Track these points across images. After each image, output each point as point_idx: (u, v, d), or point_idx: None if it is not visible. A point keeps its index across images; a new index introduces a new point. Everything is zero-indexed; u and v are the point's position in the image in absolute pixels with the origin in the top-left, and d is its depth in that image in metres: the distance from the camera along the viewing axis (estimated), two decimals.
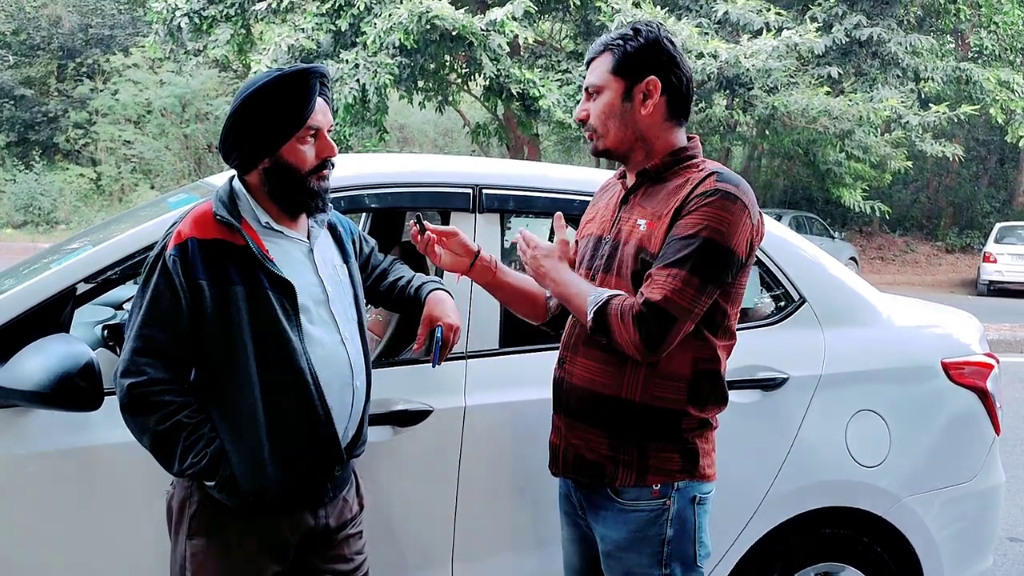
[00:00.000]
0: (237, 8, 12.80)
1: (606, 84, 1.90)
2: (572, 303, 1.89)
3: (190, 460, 1.76)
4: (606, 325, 1.80)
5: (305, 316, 1.85)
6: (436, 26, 10.93)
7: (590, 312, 1.82)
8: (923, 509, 2.61)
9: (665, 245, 1.80)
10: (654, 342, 1.75)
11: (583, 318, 1.85)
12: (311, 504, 1.89)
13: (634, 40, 1.88)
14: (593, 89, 1.92)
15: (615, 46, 1.89)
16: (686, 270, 1.74)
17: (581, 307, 1.85)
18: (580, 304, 1.85)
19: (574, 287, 1.89)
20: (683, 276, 1.74)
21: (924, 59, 14.12)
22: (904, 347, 2.72)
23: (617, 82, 1.89)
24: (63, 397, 1.86)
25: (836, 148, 14.26)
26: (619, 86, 1.89)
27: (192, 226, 1.80)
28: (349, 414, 1.92)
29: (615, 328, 1.78)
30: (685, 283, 1.74)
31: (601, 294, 1.83)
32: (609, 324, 1.79)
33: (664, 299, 1.74)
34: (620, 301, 1.80)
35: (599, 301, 1.81)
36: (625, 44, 1.88)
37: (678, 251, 1.77)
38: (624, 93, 1.89)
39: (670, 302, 1.74)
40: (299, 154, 1.84)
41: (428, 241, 2.03)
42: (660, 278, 1.76)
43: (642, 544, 1.87)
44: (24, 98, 19.57)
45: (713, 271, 1.77)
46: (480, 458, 2.31)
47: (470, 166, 2.71)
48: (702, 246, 1.76)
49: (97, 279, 2.15)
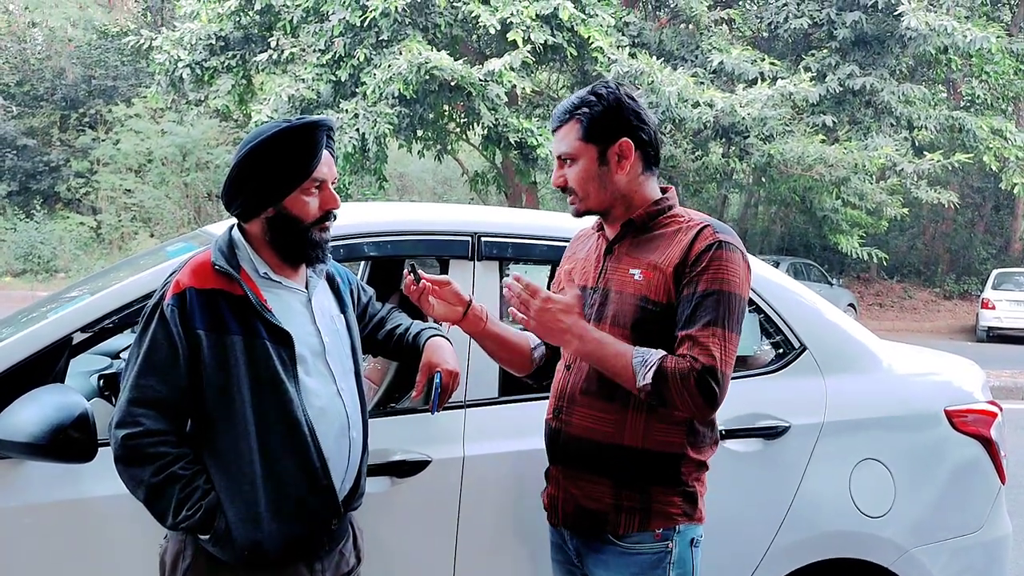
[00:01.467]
0: (238, 59, 12.99)
1: (579, 152, 1.92)
2: (608, 364, 1.83)
3: (184, 513, 1.73)
4: (664, 390, 1.77)
5: (302, 367, 1.84)
6: (435, 76, 11.08)
7: (642, 377, 1.78)
8: (930, 560, 2.57)
9: (686, 301, 1.81)
10: (716, 403, 1.79)
11: (627, 381, 1.81)
12: (308, 558, 1.85)
13: (598, 104, 1.91)
14: (566, 156, 1.94)
15: (581, 114, 1.91)
16: (723, 328, 1.79)
17: (624, 369, 1.80)
18: (622, 366, 1.81)
19: (611, 347, 1.83)
20: (722, 334, 1.79)
21: (917, 108, 14.30)
22: (906, 395, 2.70)
23: (589, 149, 1.91)
24: (57, 449, 1.84)
25: (832, 195, 14.36)
26: (592, 152, 1.91)
27: (191, 276, 1.80)
28: (346, 466, 1.90)
29: (674, 393, 1.77)
30: (726, 340, 1.80)
31: (648, 356, 1.79)
32: (668, 389, 1.77)
33: (721, 361, 1.77)
34: (673, 365, 1.77)
35: (651, 364, 1.78)
36: (590, 110, 1.90)
37: (710, 309, 1.79)
38: (599, 157, 1.92)
39: (725, 363, 1.78)
40: (303, 205, 1.85)
41: (423, 291, 2.03)
42: (705, 339, 1.78)
43: None
44: (27, 148, 19.75)
45: (738, 321, 1.84)
46: (480, 508, 2.28)
47: (469, 214, 2.72)
48: (727, 300, 1.81)
49: (94, 328, 2.13)
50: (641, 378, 1.78)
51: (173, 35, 13.03)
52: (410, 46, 11.13)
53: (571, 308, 1.86)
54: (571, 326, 1.85)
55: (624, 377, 1.81)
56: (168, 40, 12.98)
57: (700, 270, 1.82)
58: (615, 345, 1.83)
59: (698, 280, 1.82)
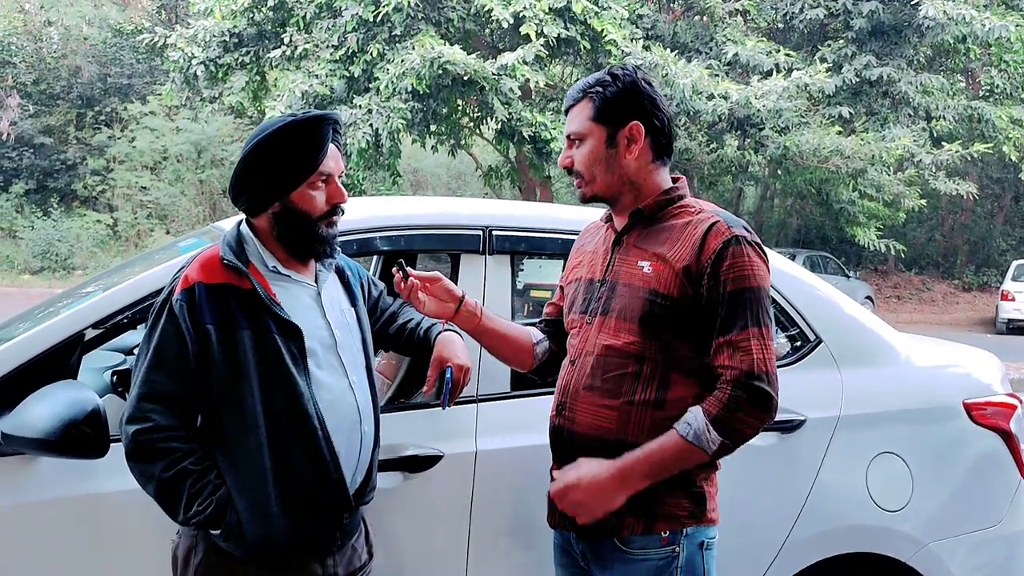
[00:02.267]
0: (252, 56, 13.02)
1: (588, 131, 1.89)
2: (669, 463, 1.77)
3: (195, 508, 1.73)
4: (732, 434, 1.75)
5: (312, 360, 1.83)
6: (448, 71, 11.07)
7: (710, 443, 1.74)
8: (948, 555, 2.54)
9: (715, 305, 1.78)
10: (774, 403, 1.77)
11: (699, 459, 1.76)
12: (319, 553, 1.85)
13: (612, 86, 1.88)
14: (575, 136, 1.91)
15: (594, 93, 1.88)
16: (758, 326, 1.78)
17: (687, 452, 1.75)
18: (683, 451, 1.75)
19: (658, 449, 1.76)
20: (758, 332, 1.78)
21: (935, 98, 14.15)
22: (924, 387, 2.67)
23: (599, 129, 1.88)
24: (69, 444, 1.84)
25: (849, 187, 14.24)
26: (602, 133, 1.88)
27: (199, 271, 1.79)
28: (357, 460, 1.89)
29: (740, 427, 1.75)
30: (763, 337, 1.78)
31: (691, 422, 1.75)
32: (733, 430, 1.75)
33: (764, 361, 1.76)
34: (718, 405, 1.75)
35: (703, 425, 1.74)
36: (604, 90, 1.87)
37: (742, 311, 1.77)
38: (607, 139, 1.88)
39: (768, 361, 1.77)
40: (309, 200, 1.84)
41: (412, 287, 2.01)
42: (744, 343, 1.76)
43: None
44: (43, 146, 19.91)
45: (768, 313, 1.82)
46: (492, 504, 2.27)
47: (480, 208, 2.71)
48: (755, 296, 1.79)
49: (105, 324, 2.13)
50: (710, 444, 1.74)
51: (187, 32, 13.08)
52: (423, 41, 11.12)
53: (588, 469, 1.79)
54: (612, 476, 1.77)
55: (693, 458, 1.76)
56: (182, 37, 13.03)
57: (722, 270, 1.78)
58: (658, 444, 1.77)
59: (723, 281, 1.78)
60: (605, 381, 1.85)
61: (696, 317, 1.81)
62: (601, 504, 1.78)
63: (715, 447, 1.74)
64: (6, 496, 2.00)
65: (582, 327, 1.94)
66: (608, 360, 1.85)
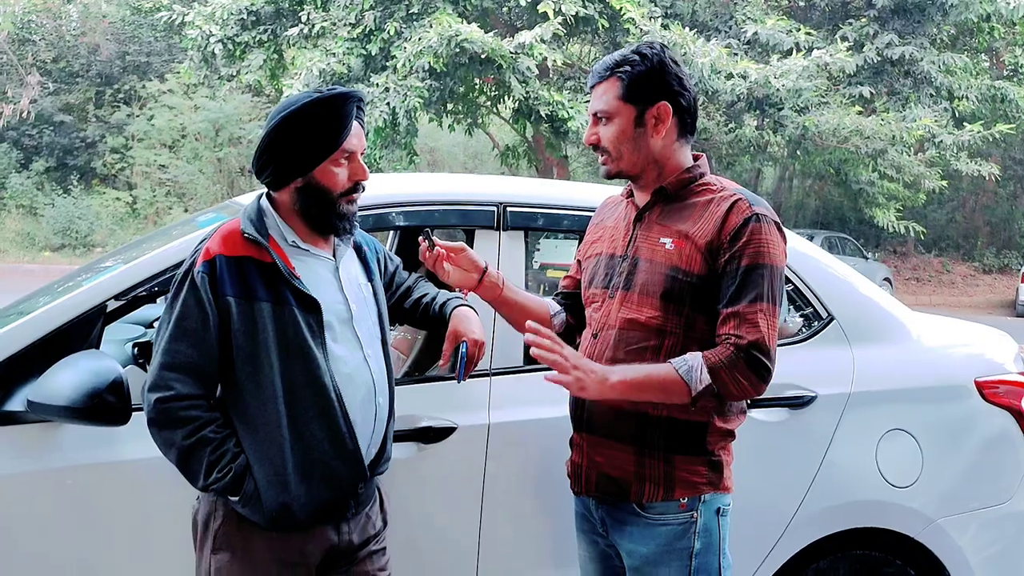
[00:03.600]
0: (270, 34, 13.02)
1: (616, 111, 1.91)
2: (654, 388, 1.80)
3: (215, 475, 1.77)
4: (719, 385, 1.78)
5: (330, 334, 1.87)
6: (465, 49, 11.02)
7: (698, 382, 1.77)
8: (957, 531, 2.56)
9: (729, 277, 1.81)
10: (768, 376, 1.81)
11: (681, 394, 1.78)
12: (335, 520, 1.89)
13: (640, 65, 1.89)
14: (602, 115, 1.93)
15: (623, 72, 1.89)
16: (767, 302, 1.80)
17: (674, 384, 1.78)
18: (670, 382, 1.78)
19: (650, 371, 1.81)
20: (766, 308, 1.80)
21: (958, 78, 13.94)
22: (936, 365, 2.68)
23: (628, 109, 1.90)
24: (93, 412, 1.89)
25: (868, 168, 14.11)
26: (630, 112, 1.90)
27: (220, 243, 1.83)
28: (372, 431, 1.93)
29: (730, 383, 1.78)
30: (770, 314, 1.81)
31: (690, 360, 1.78)
32: (723, 382, 1.78)
33: (767, 336, 1.79)
34: (718, 357, 1.78)
35: (698, 367, 1.77)
36: (632, 69, 1.88)
37: (754, 285, 1.80)
38: (636, 119, 1.90)
39: (771, 336, 1.80)
40: (332, 176, 1.87)
41: (437, 257, 2.04)
42: (751, 315, 1.79)
43: (671, 557, 1.87)
44: (63, 124, 20.02)
45: (780, 292, 1.86)
46: (504, 475, 2.31)
47: (495, 185, 2.73)
48: (769, 273, 1.81)
49: (127, 296, 2.18)
50: (697, 384, 1.77)
51: (205, 10, 13.07)
52: (440, 19, 11.06)
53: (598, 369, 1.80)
54: (609, 375, 1.79)
55: (676, 391, 1.79)
56: (200, 15, 13.03)
57: (740, 245, 1.81)
58: (651, 371, 1.81)
59: (740, 255, 1.81)
60: (628, 354, 1.89)
61: (715, 292, 1.84)
62: (585, 388, 1.78)
63: (701, 387, 1.77)
64: (32, 462, 2.05)
65: (604, 301, 1.97)
66: (630, 334, 1.89)
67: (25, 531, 2.05)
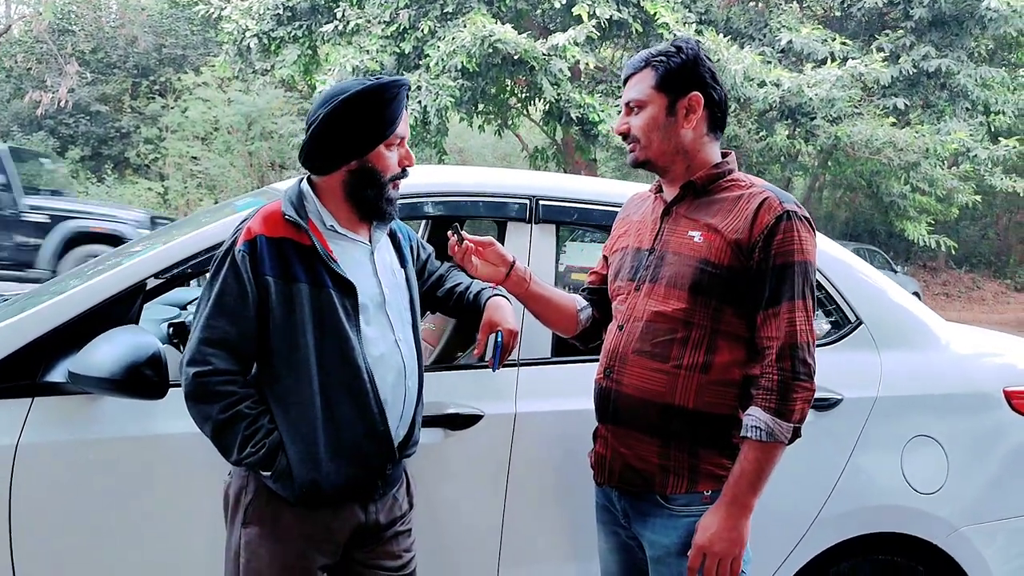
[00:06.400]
0: (305, 30, 13.14)
1: (649, 99, 1.94)
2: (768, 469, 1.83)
3: (248, 450, 1.81)
4: (798, 415, 1.82)
5: (363, 317, 1.90)
6: (498, 50, 11.06)
7: (785, 434, 1.81)
8: (981, 540, 2.54)
9: (764, 277, 1.84)
10: (813, 372, 1.84)
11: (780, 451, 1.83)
12: (362, 499, 1.93)
13: (676, 56, 1.93)
14: (635, 103, 1.96)
15: (658, 62, 1.93)
16: (802, 299, 1.83)
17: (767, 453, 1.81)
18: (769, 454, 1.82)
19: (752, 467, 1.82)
20: (802, 305, 1.83)
21: (995, 92, 13.78)
22: (964, 373, 2.67)
23: (661, 97, 1.93)
24: (131, 385, 1.94)
25: (901, 180, 13.98)
26: (662, 101, 1.93)
27: (262, 224, 1.87)
28: (401, 413, 1.96)
29: (802, 404, 1.82)
30: (806, 311, 1.84)
31: (754, 422, 1.81)
32: (796, 411, 1.81)
33: (805, 332, 1.83)
34: (772, 396, 1.80)
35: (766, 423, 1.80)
36: (668, 60, 1.92)
37: (789, 284, 1.83)
38: (668, 108, 1.93)
39: (809, 332, 1.84)
40: (385, 160, 1.92)
41: (465, 251, 2.07)
42: (789, 314, 1.82)
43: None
44: (99, 114, 20.32)
45: (813, 288, 1.88)
46: (529, 464, 2.33)
47: (528, 178, 2.75)
48: (803, 270, 1.84)
49: (168, 275, 2.23)
50: (784, 435, 1.80)
51: (242, 5, 13.22)
52: (474, 19, 11.12)
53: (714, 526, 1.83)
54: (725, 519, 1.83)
55: (776, 455, 1.82)
56: (237, 10, 13.18)
57: (774, 243, 1.83)
58: (744, 463, 1.82)
59: (773, 254, 1.83)
60: (655, 346, 1.91)
61: (744, 286, 1.86)
62: (736, 542, 1.83)
63: (789, 435, 1.81)
64: (72, 432, 2.10)
65: (630, 294, 1.99)
66: (657, 326, 1.91)
67: (62, 499, 2.10)
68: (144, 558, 2.16)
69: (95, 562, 2.13)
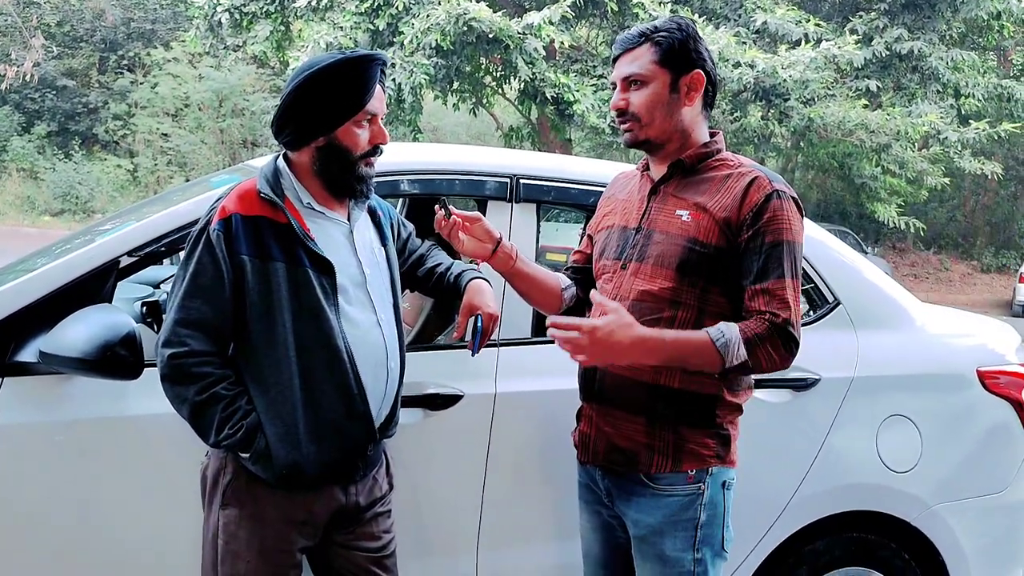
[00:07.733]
0: (277, 5, 12.93)
1: (652, 75, 1.90)
2: (691, 360, 1.79)
3: (226, 431, 1.78)
4: (753, 360, 1.78)
5: (343, 296, 1.88)
6: (473, 28, 10.97)
7: (735, 356, 1.77)
8: (953, 518, 2.59)
9: (753, 254, 1.82)
10: (796, 352, 1.83)
11: (713, 365, 1.79)
12: (342, 481, 1.91)
13: (678, 33, 1.91)
14: (636, 78, 1.92)
15: (661, 38, 1.90)
16: (792, 277, 1.83)
17: (709, 356, 1.77)
18: (707, 354, 1.77)
19: (686, 341, 1.78)
20: (791, 283, 1.83)
21: (965, 75, 13.92)
22: (939, 354, 2.70)
23: (664, 74, 1.90)
24: (105, 365, 1.90)
25: (872, 162, 14.10)
26: (666, 77, 1.90)
27: (236, 202, 1.83)
28: (383, 394, 1.94)
29: (763, 358, 1.79)
30: (796, 290, 1.84)
31: (727, 332, 1.78)
32: (757, 357, 1.78)
33: (795, 311, 1.82)
34: (753, 331, 1.79)
35: (736, 341, 1.77)
36: (670, 35, 1.90)
37: (779, 262, 1.82)
38: (671, 84, 1.90)
39: (798, 311, 1.83)
40: (353, 137, 1.88)
41: (453, 226, 2.04)
42: (780, 291, 1.81)
43: (676, 528, 1.89)
44: (66, 89, 19.92)
45: (801, 267, 1.88)
46: (509, 444, 2.33)
47: (508, 157, 2.74)
48: (792, 249, 1.84)
49: (141, 252, 2.19)
50: (733, 358, 1.77)
51: None
52: None
53: (623, 324, 1.75)
54: (634, 341, 1.75)
55: (709, 362, 1.79)
56: None
57: (763, 222, 1.82)
58: (687, 337, 1.80)
59: (763, 232, 1.82)
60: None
61: (731, 266, 1.86)
62: (608, 357, 1.78)
63: (736, 363, 1.78)
64: (43, 413, 2.06)
65: (615, 273, 1.98)
66: (643, 305, 1.89)
67: (33, 481, 2.06)
68: (119, 541, 2.12)
69: (68, 546, 2.10)
